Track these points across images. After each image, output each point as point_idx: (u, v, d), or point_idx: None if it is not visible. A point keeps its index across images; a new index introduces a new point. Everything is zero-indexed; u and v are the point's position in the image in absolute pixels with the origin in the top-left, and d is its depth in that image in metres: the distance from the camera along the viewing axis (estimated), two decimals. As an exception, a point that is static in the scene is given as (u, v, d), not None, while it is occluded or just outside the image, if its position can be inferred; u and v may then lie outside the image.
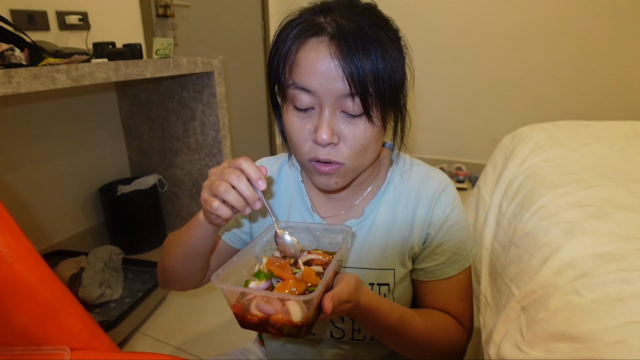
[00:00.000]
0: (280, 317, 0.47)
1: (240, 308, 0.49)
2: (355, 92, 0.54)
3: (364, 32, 0.54)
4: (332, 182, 0.62)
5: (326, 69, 0.54)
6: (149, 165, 2.20)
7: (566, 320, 0.56)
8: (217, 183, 0.52)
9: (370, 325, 0.61)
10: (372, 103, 0.56)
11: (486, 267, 1.00)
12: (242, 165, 0.53)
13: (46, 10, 1.72)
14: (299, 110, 0.58)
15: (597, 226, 0.72)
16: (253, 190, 0.52)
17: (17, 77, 1.09)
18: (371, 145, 0.60)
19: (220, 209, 0.53)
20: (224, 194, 0.52)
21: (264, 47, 3.20)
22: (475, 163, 2.96)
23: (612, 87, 2.52)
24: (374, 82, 0.54)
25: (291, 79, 0.57)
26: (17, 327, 0.54)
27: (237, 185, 0.52)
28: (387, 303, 0.62)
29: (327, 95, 0.55)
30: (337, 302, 0.49)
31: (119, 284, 1.68)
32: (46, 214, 1.87)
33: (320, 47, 0.54)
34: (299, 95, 0.57)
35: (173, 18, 2.34)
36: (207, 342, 1.48)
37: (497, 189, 1.17)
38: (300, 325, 0.46)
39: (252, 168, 0.53)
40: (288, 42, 0.57)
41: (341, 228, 0.59)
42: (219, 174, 0.54)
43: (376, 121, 0.57)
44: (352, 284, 0.53)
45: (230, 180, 0.52)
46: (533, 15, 2.57)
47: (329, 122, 0.56)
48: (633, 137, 1.24)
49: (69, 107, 1.90)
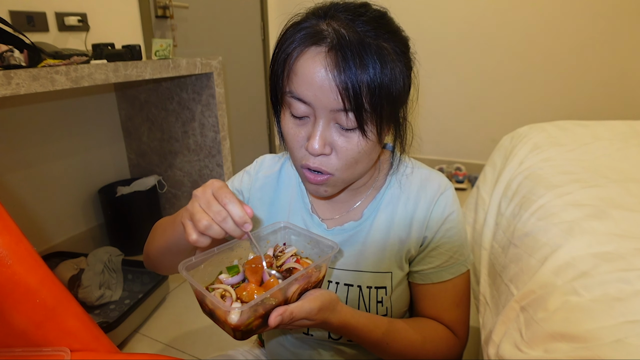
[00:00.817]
0: (221, 314, 0.49)
1: (200, 295, 0.52)
2: (349, 108, 0.53)
3: (363, 44, 0.52)
4: (322, 191, 0.62)
5: (321, 82, 0.52)
6: (149, 167, 2.20)
7: (565, 320, 0.56)
8: (199, 217, 0.50)
9: (350, 339, 0.62)
10: (367, 118, 0.54)
11: (485, 267, 1.00)
12: (228, 207, 0.50)
13: (45, 11, 1.72)
14: (295, 118, 0.58)
15: (596, 226, 0.72)
16: (240, 230, 0.51)
17: (16, 78, 1.09)
18: (363, 158, 0.59)
19: (199, 242, 0.51)
20: (205, 230, 0.50)
21: (263, 48, 3.20)
22: (474, 163, 2.96)
23: (610, 87, 2.53)
24: (370, 97, 0.53)
25: (288, 87, 0.56)
26: (17, 328, 0.54)
27: (223, 226, 0.50)
28: (370, 321, 0.62)
29: (322, 107, 0.54)
30: (287, 317, 0.49)
31: (118, 285, 1.67)
32: (46, 215, 1.87)
33: (318, 58, 0.53)
34: (295, 104, 0.56)
35: (172, 19, 2.34)
36: (207, 343, 1.48)
37: (496, 189, 1.17)
38: (234, 328, 0.48)
39: (237, 211, 0.50)
40: (289, 48, 0.56)
41: (331, 244, 0.58)
42: (204, 204, 0.51)
43: (371, 135, 0.56)
44: (317, 303, 0.52)
45: (215, 219, 0.50)
46: (532, 16, 2.57)
47: (321, 133, 0.55)
48: (632, 137, 1.24)
49: (68, 108, 1.90)
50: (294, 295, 0.53)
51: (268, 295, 0.48)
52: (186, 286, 1.82)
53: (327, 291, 0.56)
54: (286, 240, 0.65)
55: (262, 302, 0.48)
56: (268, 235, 0.64)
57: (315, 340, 0.72)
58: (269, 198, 0.75)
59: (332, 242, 0.58)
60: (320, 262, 0.56)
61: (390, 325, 0.64)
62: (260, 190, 0.76)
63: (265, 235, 0.63)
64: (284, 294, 0.52)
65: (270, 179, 0.76)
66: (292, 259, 0.59)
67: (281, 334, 0.76)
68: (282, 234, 0.65)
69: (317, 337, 0.71)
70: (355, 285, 0.68)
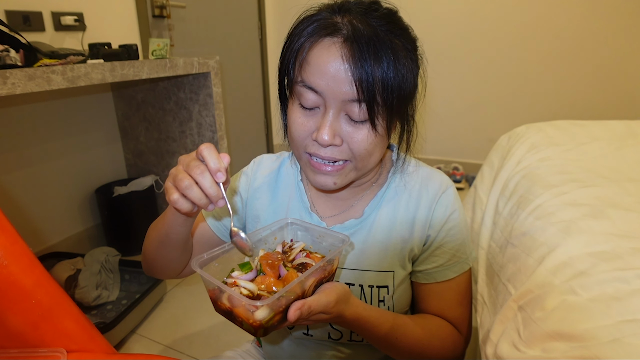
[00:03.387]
0: (241, 312, 0.48)
1: (215, 294, 0.51)
2: (362, 99, 0.53)
3: (378, 37, 0.53)
4: (331, 182, 0.61)
5: (335, 71, 0.53)
6: (146, 166, 2.20)
7: (563, 319, 0.56)
8: (181, 176, 0.49)
9: (359, 334, 0.62)
10: (378, 112, 0.55)
11: (483, 266, 1.00)
12: (203, 152, 0.49)
13: (41, 11, 1.71)
14: (304, 108, 0.58)
15: (593, 225, 0.72)
16: (217, 187, 0.49)
17: (12, 78, 1.09)
18: (375, 151, 0.59)
19: (179, 202, 0.50)
20: (185, 189, 0.49)
21: (261, 47, 3.20)
22: (472, 163, 2.96)
23: (607, 86, 2.54)
24: (382, 90, 0.53)
25: (300, 76, 0.57)
26: (13, 329, 0.53)
27: (201, 181, 0.49)
28: (379, 314, 0.62)
29: (333, 97, 0.54)
30: (306, 311, 0.49)
31: (115, 285, 1.67)
32: (42, 215, 1.86)
33: (333, 48, 0.53)
34: (306, 93, 0.56)
35: (169, 19, 2.34)
36: (204, 344, 1.47)
37: (494, 189, 1.17)
38: (257, 325, 0.47)
39: (212, 158, 0.49)
40: (302, 39, 0.56)
41: (341, 237, 0.59)
42: (185, 165, 0.51)
43: (380, 130, 0.57)
44: (333, 295, 0.52)
45: (194, 175, 0.49)
46: (529, 16, 2.58)
47: (331, 124, 0.56)
48: (629, 137, 1.24)
49: (65, 108, 1.89)
50: (309, 289, 0.53)
51: (294, 284, 0.48)
52: (184, 286, 1.81)
53: (340, 284, 0.56)
54: (293, 236, 0.65)
55: (283, 295, 0.48)
56: (275, 232, 0.64)
57: (314, 341, 0.72)
58: (268, 198, 0.75)
59: (343, 234, 0.59)
60: (334, 254, 0.56)
61: (398, 320, 0.64)
62: (258, 190, 0.76)
63: (272, 232, 0.63)
64: (302, 287, 0.51)
65: (269, 179, 0.76)
66: (301, 254, 0.59)
67: (280, 332, 0.76)
68: (288, 230, 0.65)
69: (317, 338, 0.71)
70: (356, 285, 0.68)
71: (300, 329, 0.71)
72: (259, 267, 0.56)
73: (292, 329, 0.72)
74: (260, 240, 0.63)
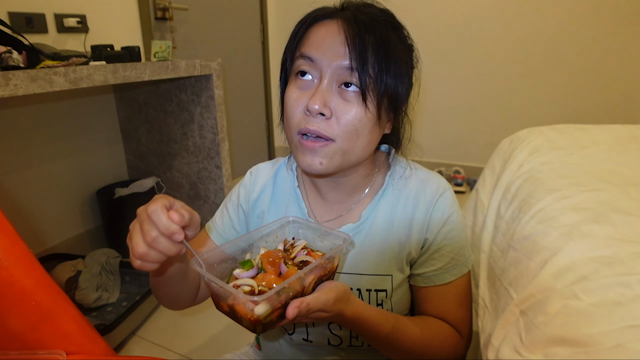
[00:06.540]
0: (241, 308, 0.48)
1: (215, 292, 0.51)
2: (354, 67, 0.56)
3: (377, 21, 0.58)
4: (317, 162, 0.59)
5: (332, 41, 0.57)
6: (147, 168, 2.20)
7: (565, 324, 0.55)
8: (135, 240, 0.46)
9: (360, 334, 0.61)
10: (370, 84, 0.57)
11: (484, 270, 0.99)
12: (155, 220, 0.45)
13: (44, 12, 1.72)
14: (300, 80, 0.60)
15: (596, 230, 0.72)
16: (173, 246, 0.46)
17: (14, 79, 1.09)
18: (364, 130, 0.59)
19: (145, 266, 0.47)
20: (144, 257, 0.46)
21: (263, 50, 3.21)
22: (473, 166, 2.96)
23: (610, 91, 2.53)
24: (374, 58, 0.57)
25: (298, 52, 0.61)
26: (12, 330, 0.53)
27: (155, 247, 0.46)
28: (380, 314, 0.61)
29: (328, 64, 0.57)
30: (304, 309, 0.49)
31: (116, 287, 1.67)
32: (43, 216, 1.86)
33: (333, 25, 0.59)
34: (302, 64, 0.60)
35: (172, 21, 2.34)
36: (204, 346, 1.47)
37: (496, 192, 1.17)
38: (255, 321, 0.47)
39: (164, 225, 0.45)
40: (304, 25, 0.62)
41: (343, 236, 0.58)
42: (140, 224, 0.47)
43: (371, 107, 0.58)
44: (332, 294, 0.52)
45: (146, 240, 0.46)
46: (531, 20, 2.58)
47: (323, 93, 0.57)
48: (631, 141, 1.24)
49: (67, 109, 1.90)
50: (309, 287, 0.53)
51: (292, 280, 0.48)
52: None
53: (341, 282, 0.56)
54: (295, 235, 0.65)
55: (282, 291, 0.48)
56: (276, 230, 0.64)
57: (314, 347, 0.72)
58: (267, 205, 0.75)
59: (344, 233, 0.59)
60: (334, 252, 0.56)
61: (398, 320, 0.64)
62: (258, 200, 0.76)
63: (274, 230, 0.64)
64: (302, 283, 0.51)
65: (266, 186, 0.76)
66: (303, 252, 0.59)
67: (280, 337, 0.76)
68: (290, 228, 0.65)
69: (316, 344, 0.71)
70: (354, 289, 0.68)
71: (299, 335, 0.71)
72: (260, 265, 0.55)
73: (292, 334, 0.71)
74: (262, 238, 0.63)
